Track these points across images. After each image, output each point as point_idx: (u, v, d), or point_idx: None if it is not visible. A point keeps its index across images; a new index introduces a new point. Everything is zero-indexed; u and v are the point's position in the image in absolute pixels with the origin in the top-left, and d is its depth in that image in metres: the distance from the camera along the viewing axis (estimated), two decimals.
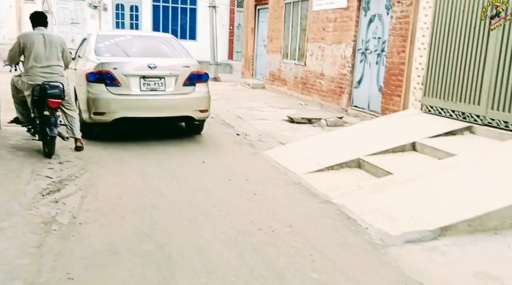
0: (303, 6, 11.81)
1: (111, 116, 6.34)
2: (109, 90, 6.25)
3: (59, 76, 5.73)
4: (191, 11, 21.81)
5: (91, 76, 6.27)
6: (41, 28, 5.73)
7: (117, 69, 6.25)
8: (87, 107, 6.33)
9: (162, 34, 8.91)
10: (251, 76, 15.52)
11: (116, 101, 6.26)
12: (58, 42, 5.75)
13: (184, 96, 6.60)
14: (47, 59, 5.61)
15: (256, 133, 7.75)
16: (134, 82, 6.33)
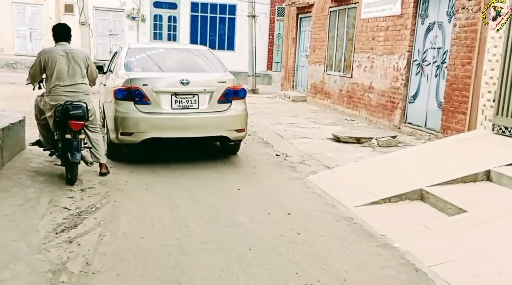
0: (350, 14, 11.02)
1: (140, 137, 5.82)
2: (138, 108, 5.75)
3: (83, 95, 5.20)
4: (229, 21, 21.39)
5: (119, 93, 5.80)
6: (63, 43, 5.20)
7: (147, 86, 5.76)
8: (115, 126, 5.84)
9: (197, 46, 8.42)
10: (292, 88, 14.81)
11: (146, 121, 5.75)
12: (82, 57, 5.20)
13: (219, 115, 6.05)
14: (71, 78, 5.10)
15: (297, 154, 7.00)
16: (165, 100, 5.84)
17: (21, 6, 19.37)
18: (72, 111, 4.95)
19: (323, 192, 5.21)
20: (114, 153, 6.19)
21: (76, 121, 4.96)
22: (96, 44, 20.22)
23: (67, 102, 5.02)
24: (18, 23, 19.41)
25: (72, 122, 4.94)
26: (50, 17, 19.47)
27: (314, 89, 12.93)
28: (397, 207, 4.59)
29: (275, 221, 4.31)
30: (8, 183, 4.99)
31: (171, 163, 6.30)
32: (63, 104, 4.98)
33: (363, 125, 9.50)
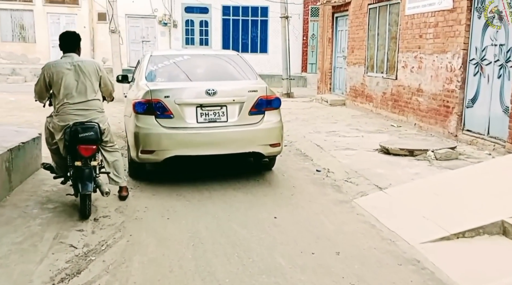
0: (392, 11, 10.05)
1: (162, 155, 5.18)
2: (160, 123, 5.13)
3: (96, 113, 4.47)
4: (262, 23, 20.67)
5: (139, 107, 5.18)
6: (70, 55, 4.45)
7: (169, 98, 5.13)
8: (135, 143, 5.23)
9: (225, 51, 7.63)
10: (329, 91, 13.91)
11: (168, 137, 5.13)
12: (92, 69, 4.46)
13: (250, 128, 5.35)
14: (80, 94, 4.38)
15: (341, 170, 6.15)
16: (190, 113, 5.20)
17: (56, 17, 19.44)
18: (82, 134, 4.25)
19: (377, 221, 4.35)
20: (136, 171, 5.64)
21: (87, 146, 4.26)
22: (129, 51, 19.98)
23: (77, 123, 4.31)
24: (53, 33, 19.36)
25: (82, 147, 4.25)
26: (84, 26, 19.40)
27: (354, 92, 12.00)
28: (474, 244, 3.67)
29: (321, 265, 3.49)
30: (12, 213, 4.39)
31: (198, 181, 5.60)
32: (71, 126, 4.29)
33: (412, 132, 8.52)
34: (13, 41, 19.27)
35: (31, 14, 19.25)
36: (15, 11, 19.19)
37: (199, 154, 5.26)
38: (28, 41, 19.28)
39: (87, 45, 19.39)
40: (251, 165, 6.34)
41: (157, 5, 19.37)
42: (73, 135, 4.25)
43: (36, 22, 19.34)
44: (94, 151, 4.31)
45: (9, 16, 19.20)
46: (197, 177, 5.82)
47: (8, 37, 19.36)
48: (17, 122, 8.54)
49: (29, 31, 19.46)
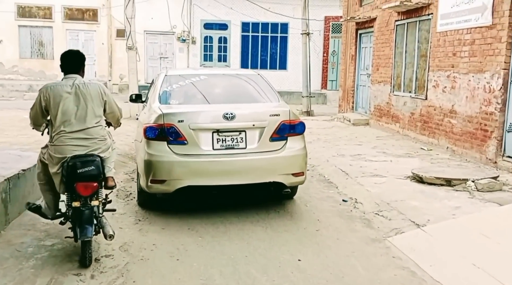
0: (422, 27, 9.50)
1: (174, 186, 4.74)
2: (172, 149, 4.71)
3: (98, 142, 3.86)
4: (281, 39, 20.31)
5: (150, 132, 4.76)
6: (72, 76, 3.89)
7: (183, 122, 4.72)
8: (144, 172, 4.79)
9: (245, 71, 7.15)
10: (351, 110, 13.34)
11: (181, 165, 4.69)
12: (96, 93, 3.90)
13: (271, 156, 4.91)
14: (80, 121, 3.79)
15: (371, 201, 5.58)
16: (205, 139, 4.77)
17: (74, 33, 19.41)
18: (80, 169, 3.64)
19: (417, 267, 3.76)
20: (146, 200, 5.19)
21: (87, 183, 3.65)
22: (147, 68, 19.80)
23: (75, 156, 3.71)
24: None
25: (80, 185, 3.63)
26: (102, 42, 19.34)
27: (379, 111, 11.41)
28: None
29: None
30: (4, 252, 3.93)
31: (213, 213, 5.10)
32: (68, 160, 3.69)
33: (445, 157, 7.88)
34: (31, 58, 19.25)
35: (51, 30, 19.24)
36: (34, 28, 19.20)
37: (214, 184, 4.84)
38: (46, 58, 19.25)
39: (105, 62, 19.31)
40: (271, 193, 5.80)
41: (176, 22, 19.20)
42: (70, 171, 3.65)
43: (55, 39, 19.30)
44: (95, 189, 3.69)
45: (29, 32, 19.20)
46: (211, 206, 5.33)
47: (27, 54, 19.34)
48: (27, 142, 8.20)
49: (48, 47, 19.43)
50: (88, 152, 3.77)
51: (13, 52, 18.94)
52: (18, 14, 19.00)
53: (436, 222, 4.64)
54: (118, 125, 4.40)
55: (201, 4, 19.35)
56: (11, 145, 7.76)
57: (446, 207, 5.12)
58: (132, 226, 4.71)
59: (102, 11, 19.11)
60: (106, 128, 4.11)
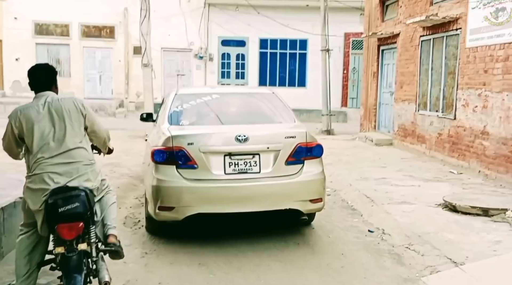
0: (450, 43, 9.02)
1: (183, 213, 4.43)
2: (182, 174, 4.41)
3: (84, 167, 3.19)
4: (300, 56, 19.97)
5: (158, 156, 4.47)
6: (43, 94, 3.28)
7: (193, 145, 4.43)
8: (152, 198, 4.49)
9: (259, 89, 6.92)
10: (373, 129, 12.83)
11: (191, 191, 4.40)
12: (71, 107, 3.24)
13: (287, 181, 4.59)
14: (59, 142, 3.15)
15: (400, 232, 5.08)
16: (217, 162, 4.47)
17: (91, 50, 19.36)
18: (62, 207, 2.98)
19: None
20: (154, 227, 4.88)
21: (70, 224, 2.99)
22: (164, 85, 19.60)
23: (56, 190, 3.03)
24: (88, 67, 19.39)
25: (62, 227, 2.97)
26: (119, 59, 19.27)
27: (403, 131, 10.88)
28: None
29: None
30: None
31: (226, 243, 4.70)
32: (48, 197, 3.02)
33: (477, 182, 7.32)
34: None
35: (67, 48, 19.25)
36: (51, 46, 19.23)
37: (226, 211, 4.55)
38: (63, 76, 19.18)
39: (122, 79, 19.22)
40: (288, 218, 5.36)
41: (193, 38, 19.06)
42: (50, 210, 3.00)
43: (72, 56, 19.29)
44: (80, 230, 3.03)
45: (46, 50, 19.22)
46: (224, 235, 4.92)
47: None
48: None
49: (65, 65, 19.39)
50: (73, 179, 3.11)
51: None
52: (36, 32, 19.08)
53: (476, 260, 4.12)
54: (107, 150, 3.69)
55: (219, 21, 19.20)
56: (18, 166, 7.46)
57: (485, 241, 4.60)
58: (138, 260, 4.29)
59: (119, 28, 19.07)
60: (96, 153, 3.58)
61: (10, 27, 18.48)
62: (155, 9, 18.51)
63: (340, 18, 18.27)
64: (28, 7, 18.47)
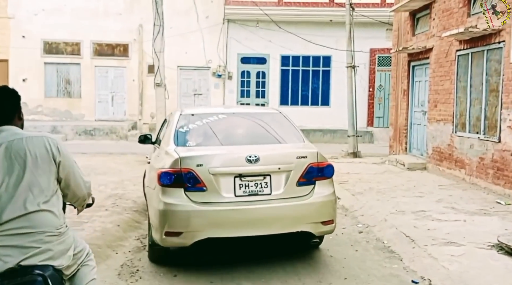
0: (491, 57, 8.11)
1: (192, 238, 4.26)
2: (190, 197, 4.28)
3: (48, 239, 2.30)
4: (323, 73, 19.16)
5: (165, 178, 4.29)
6: (5, 129, 2.41)
7: (202, 166, 4.31)
8: (158, 223, 4.31)
9: (266, 109, 6.62)
10: (404, 151, 11.86)
11: (200, 215, 4.27)
12: (42, 152, 2.37)
13: (298, 203, 4.51)
14: (16, 201, 2.27)
15: (451, 284, 4.14)
16: (226, 184, 4.36)
17: (104, 70, 18.65)
18: None
19: None
20: (158, 255, 4.72)
21: None
22: (180, 105, 19.01)
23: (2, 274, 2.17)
24: (100, 87, 18.63)
25: None
26: (133, 79, 18.68)
27: (438, 154, 9.91)
28: None
29: None
30: None
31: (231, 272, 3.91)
32: None
33: None
34: (57, 97, 18.46)
35: (78, 68, 18.51)
36: (61, 65, 18.51)
37: (236, 235, 4.42)
38: (73, 97, 18.51)
39: (136, 100, 18.62)
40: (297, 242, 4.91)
41: (212, 56, 18.47)
42: None
43: (82, 76, 18.53)
44: None
45: (55, 70, 18.53)
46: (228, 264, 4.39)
47: (53, 92, 18.54)
48: None
49: (75, 85, 18.64)
50: (29, 256, 2.22)
51: (38, 91, 18.19)
52: (44, 51, 18.38)
53: None
54: (82, 207, 2.71)
55: (238, 37, 18.60)
56: None
57: None
58: None
59: (133, 45, 18.47)
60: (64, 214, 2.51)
61: (18, 46, 17.85)
62: (171, 26, 18.04)
63: (366, 34, 17.49)
64: (37, 25, 17.90)
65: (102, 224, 5.84)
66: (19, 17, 18.09)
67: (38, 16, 18.12)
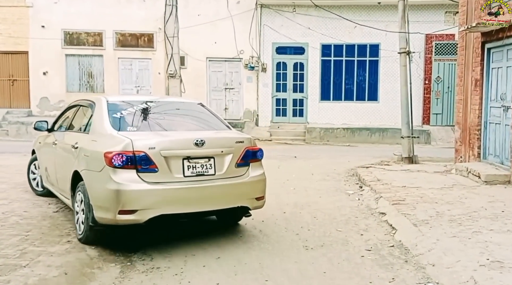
0: None
1: (145, 215, 4.57)
2: (143, 178, 4.59)
3: None
4: (371, 64, 16.74)
5: (118, 160, 4.52)
6: None
7: (154, 149, 4.65)
8: (111, 203, 4.51)
9: (187, 99, 7.18)
10: (477, 158, 9.31)
11: (153, 194, 4.61)
12: None
13: (238, 181, 5.13)
14: None
15: None
16: (176, 166, 4.77)
17: (128, 62, 17.18)
18: None
19: None
20: (98, 236, 4.85)
21: None
22: (210, 101, 17.17)
23: None
24: (124, 81, 17.19)
25: None
26: (159, 72, 16.98)
27: None
28: None
29: None
30: None
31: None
32: None
33: None
34: (79, 91, 17.16)
35: (101, 60, 17.19)
36: (83, 57, 17.24)
37: (187, 211, 4.89)
38: (96, 91, 17.18)
39: (162, 92, 16.95)
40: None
41: (243, 46, 16.48)
42: None
43: (105, 69, 17.22)
44: None
45: (77, 62, 17.27)
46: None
47: (75, 87, 17.35)
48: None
49: (98, 79, 17.35)
50: None
51: (60, 85, 17.05)
52: (65, 42, 17.14)
53: None
54: None
55: (273, 25, 16.47)
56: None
57: None
58: None
59: (158, 35, 16.76)
60: None
61: (37, 36, 16.66)
62: (199, 13, 16.27)
63: (420, 17, 15.05)
64: (58, 13, 16.68)
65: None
66: (38, 6, 16.85)
67: (58, 4, 16.80)
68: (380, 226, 5.89)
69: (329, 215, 6.39)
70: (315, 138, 15.97)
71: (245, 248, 5.00)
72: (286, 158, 11.96)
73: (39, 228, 5.41)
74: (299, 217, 6.31)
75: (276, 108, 17.14)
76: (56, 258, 4.49)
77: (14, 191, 7.35)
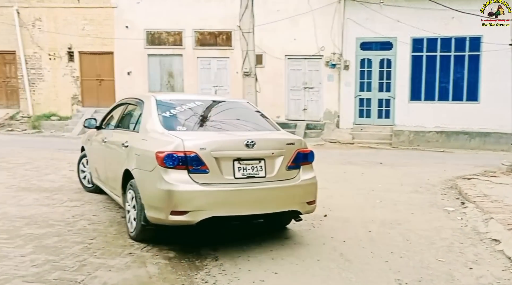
0: None
1: (197, 217, 4.50)
2: (194, 179, 4.52)
3: None
4: (470, 59, 14.94)
5: (169, 160, 4.47)
6: None
7: (205, 150, 4.57)
8: (163, 203, 4.49)
9: (235, 99, 7.10)
10: None
11: (205, 195, 4.54)
12: None
13: (289, 184, 5.00)
14: None
15: None
16: (227, 167, 4.68)
17: (206, 61, 16.86)
18: None
19: None
20: (149, 235, 4.85)
21: None
22: (288, 101, 16.38)
23: None
24: (203, 80, 16.93)
25: None
26: (237, 71, 16.47)
27: None
28: None
29: None
30: None
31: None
32: None
33: None
34: (161, 91, 17.16)
35: (180, 59, 16.97)
36: (164, 57, 17.15)
37: (238, 213, 4.78)
38: (176, 90, 17.10)
39: (239, 94, 16.39)
40: None
41: (324, 42, 15.46)
42: None
43: (184, 68, 16.99)
44: None
45: (158, 62, 17.20)
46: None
47: (156, 86, 17.30)
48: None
49: (178, 79, 17.16)
50: None
51: (142, 85, 17.08)
52: (147, 42, 17.15)
53: None
54: None
55: (357, 18, 15.25)
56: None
57: None
58: None
59: (236, 34, 16.23)
60: None
61: (122, 37, 16.81)
62: (278, 9, 15.54)
63: None
64: (140, 14, 16.75)
65: None
66: (122, 6, 17.11)
67: (140, 4, 16.91)
68: (495, 258, 4.67)
69: (426, 238, 5.27)
70: (403, 142, 14.54)
71: (324, 277, 4.09)
72: (370, 164, 10.81)
73: (104, 235, 5.10)
74: (388, 238, 5.27)
75: (360, 109, 15.91)
76: (114, 273, 4.03)
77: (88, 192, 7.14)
